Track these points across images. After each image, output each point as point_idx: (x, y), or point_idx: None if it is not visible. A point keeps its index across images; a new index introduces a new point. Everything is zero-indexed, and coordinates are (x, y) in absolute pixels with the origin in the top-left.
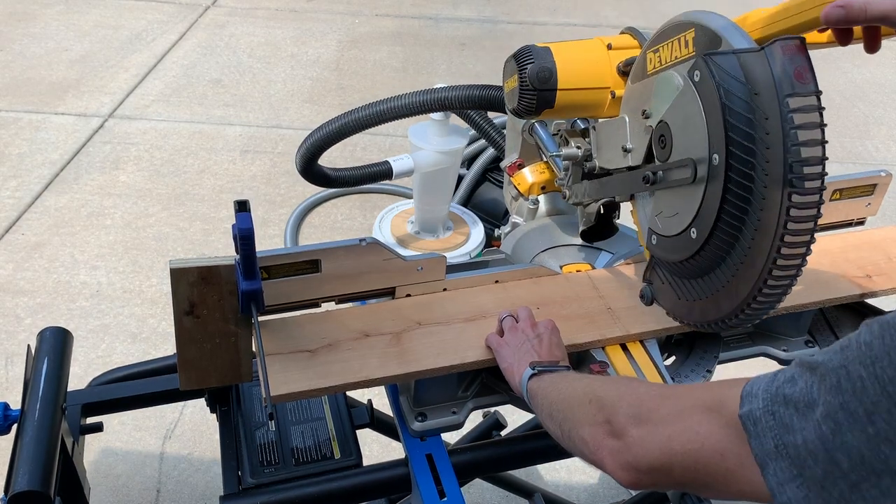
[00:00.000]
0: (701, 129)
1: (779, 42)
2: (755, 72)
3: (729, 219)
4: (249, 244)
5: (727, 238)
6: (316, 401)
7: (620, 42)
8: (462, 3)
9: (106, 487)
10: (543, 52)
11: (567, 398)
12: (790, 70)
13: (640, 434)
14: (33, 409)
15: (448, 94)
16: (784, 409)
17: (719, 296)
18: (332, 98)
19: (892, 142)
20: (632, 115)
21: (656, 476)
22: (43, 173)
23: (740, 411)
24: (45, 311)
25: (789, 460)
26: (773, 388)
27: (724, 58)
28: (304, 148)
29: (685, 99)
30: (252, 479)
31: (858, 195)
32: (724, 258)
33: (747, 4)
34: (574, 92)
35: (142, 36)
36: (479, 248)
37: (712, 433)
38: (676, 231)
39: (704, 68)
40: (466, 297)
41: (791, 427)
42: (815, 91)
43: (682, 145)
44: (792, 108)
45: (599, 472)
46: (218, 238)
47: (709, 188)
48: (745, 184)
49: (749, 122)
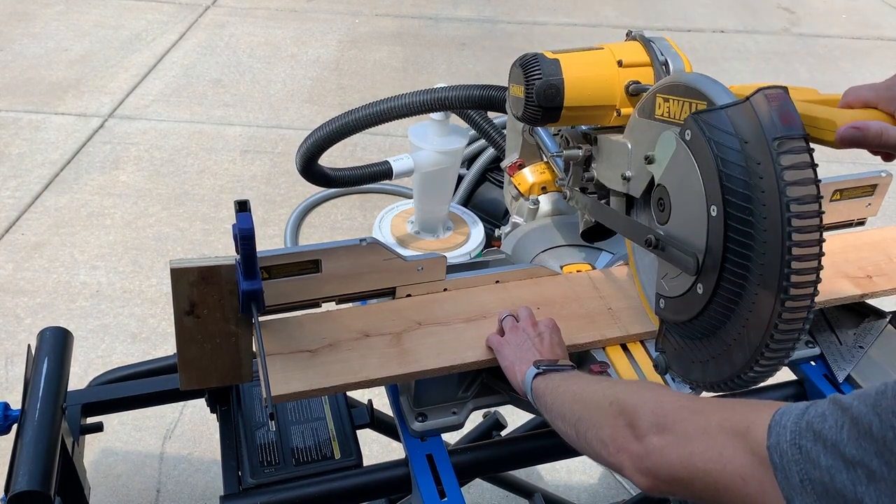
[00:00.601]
0: (697, 185)
1: (762, 91)
2: (743, 122)
3: (733, 268)
4: (250, 244)
5: (733, 288)
6: (316, 401)
7: (631, 57)
8: (462, 3)
9: (106, 487)
10: (552, 65)
11: (583, 399)
12: (776, 116)
13: (661, 443)
14: (33, 408)
15: (448, 93)
16: (812, 444)
17: (732, 349)
18: (332, 98)
19: None
20: (635, 147)
21: (675, 487)
22: (43, 173)
23: (768, 442)
24: (45, 311)
25: (815, 496)
26: (803, 423)
27: (713, 114)
28: (305, 148)
29: (679, 158)
30: (252, 479)
31: (858, 195)
32: (733, 309)
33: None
34: (580, 108)
35: (142, 36)
36: (479, 248)
37: (736, 457)
38: (683, 290)
39: (695, 126)
40: (467, 298)
41: (818, 464)
42: (803, 135)
43: (680, 210)
44: (781, 150)
45: (599, 472)
46: (218, 238)
47: (711, 241)
48: (745, 230)
49: (742, 170)
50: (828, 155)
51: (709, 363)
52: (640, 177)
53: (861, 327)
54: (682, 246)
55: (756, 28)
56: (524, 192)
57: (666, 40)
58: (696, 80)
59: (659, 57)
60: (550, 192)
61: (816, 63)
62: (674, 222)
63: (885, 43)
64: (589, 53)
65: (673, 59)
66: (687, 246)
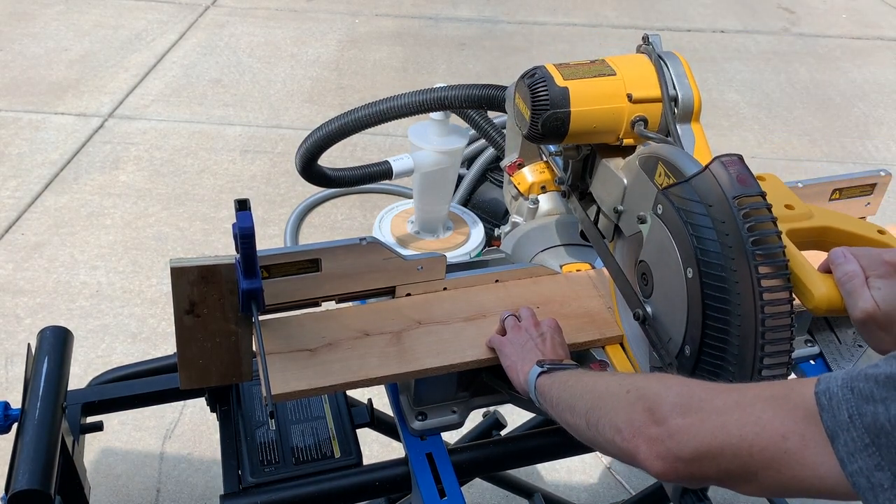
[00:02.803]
0: (673, 253)
1: (718, 159)
2: (705, 189)
3: (714, 323)
4: (250, 243)
5: (718, 344)
6: (316, 400)
7: (641, 92)
8: (462, 3)
9: (106, 487)
10: (560, 95)
11: (596, 389)
12: (733, 178)
13: (686, 423)
14: (33, 408)
15: (448, 93)
16: (864, 383)
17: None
18: (332, 98)
19: (892, 142)
20: (630, 187)
21: (697, 465)
22: (43, 173)
23: (816, 388)
24: (45, 311)
25: (863, 429)
26: (855, 371)
27: (679, 187)
28: (304, 149)
29: (655, 232)
30: (252, 478)
31: (858, 195)
32: (721, 365)
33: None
34: (583, 134)
35: (142, 36)
36: (479, 248)
37: (776, 417)
38: (674, 356)
39: (664, 200)
40: (466, 297)
41: (871, 397)
42: (759, 192)
43: (661, 283)
44: (741, 206)
45: (599, 472)
46: (218, 238)
47: (691, 303)
48: (719, 285)
49: (710, 231)
50: (827, 154)
51: None
52: (631, 224)
53: None
54: (663, 332)
55: (756, 28)
56: (524, 192)
57: (680, 62)
58: (667, 153)
59: (670, 91)
60: (550, 191)
61: (816, 63)
62: (656, 296)
63: (885, 43)
64: (599, 82)
65: (683, 93)
66: (669, 321)
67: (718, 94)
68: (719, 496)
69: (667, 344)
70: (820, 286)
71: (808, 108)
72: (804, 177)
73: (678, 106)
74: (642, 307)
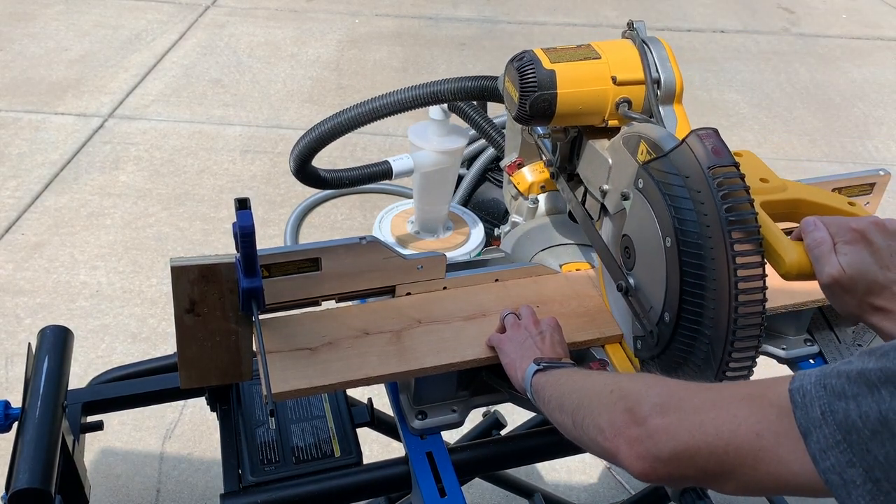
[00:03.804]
0: (653, 225)
1: (694, 132)
2: (683, 162)
3: (691, 289)
4: (250, 241)
5: (694, 308)
6: (316, 399)
7: (625, 74)
8: (462, 3)
9: (106, 487)
10: (547, 77)
11: (583, 388)
12: (708, 150)
13: (665, 422)
14: (34, 407)
15: (441, 87)
16: (836, 380)
17: (702, 369)
18: (332, 98)
19: (892, 142)
20: (615, 166)
21: (675, 465)
22: (43, 173)
23: (790, 386)
24: (45, 311)
25: (835, 426)
26: (829, 368)
27: (658, 161)
28: (298, 150)
29: (637, 206)
30: (252, 478)
31: (857, 194)
32: (698, 329)
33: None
34: (570, 116)
35: (142, 36)
36: (479, 248)
37: (752, 415)
38: (655, 323)
39: (645, 175)
40: (466, 296)
41: (843, 393)
42: (733, 163)
43: (643, 255)
44: (715, 176)
45: (599, 471)
46: (218, 238)
47: (669, 270)
48: (696, 252)
49: (687, 201)
50: (827, 154)
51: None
52: (616, 202)
53: (860, 325)
54: (644, 301)
55: (756, 28)
56: (523, 192)
57: (663, 46)
58: (648, 131)
59: (653, 74)
60: (550, 191)
61: (816, 63)
62: (638, 267)
63: (885, 43)
64: (585, 65)
65: (666, 76)
66: (650, 290)
67: (718, 94)
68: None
69: (648, 313)
70: (791, 252)
71: (808, 108)
72: (804, 176)
73: (661, 88)
74: (625, 279)
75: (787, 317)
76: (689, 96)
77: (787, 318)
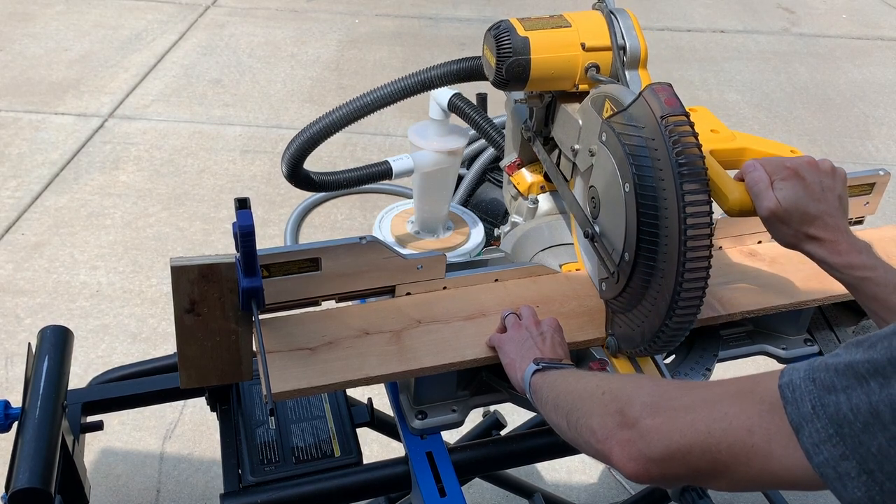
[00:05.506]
0: (614, 174)
1: (650, 86)
2: (640, 114)
3: (647, 228)
4: (250, 241)
5: (650, 247)
6: (316, 399)
7: (593, 41)
8: (462, 3)
9: (106, 487)
10: (522, 43)
11: (577, 389)
12: (662, 102)
13: (655, 423)
14: (34, 407)
15: (428, 74)
16: (825, 373)
17: (658, 302)
18: (332, 98)
19: (892, 142)
20: (584, 125)
21: (667, 465)
22: (43, 173)
23: (780, 382)
24: (45, 311)
25: (827, 419)
26: (817, 362)
27: (619, 115)
28: (291, 152)
29: (601, 158)
30: (252, 478)
31: (857, 194)
32: (653, 266)
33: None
34: (543, 80)
35: (142, 36)
36: (479, 248)
37: (743, 412)
38: (617, 264)
39: (607, 129)
40: (466, 296)
41: (833, 387)
42: (683, 112)
43: (606, 204)
44: (667, 125)
45: (599, 472)
46: (218, 238)
47: (628, 214)
48: (651, 195)
49: (643, 149)
50: (827, 154)
51: (644, 324)
52: (585, 159)
53: (859, 325)
54: (608, 244)
55: (756, 28)
56: (523, 192)
57: (629, 16)
58: (612, 90)
59: (619, 41)
60: (549, 191)
61: (816, 63)
62: (602, 215)
63: (885, 43)
64: (557, 33)
65: (631, 43)
66: (612, 234)
67: (718, 94)
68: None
69: (611, 255)
70: (734, 191)
71: (808, 108)
72: None
73: (626, 54)
74: (591, 226)
75: (786, 316)
76: (689, 96)
77: (787, 318)
